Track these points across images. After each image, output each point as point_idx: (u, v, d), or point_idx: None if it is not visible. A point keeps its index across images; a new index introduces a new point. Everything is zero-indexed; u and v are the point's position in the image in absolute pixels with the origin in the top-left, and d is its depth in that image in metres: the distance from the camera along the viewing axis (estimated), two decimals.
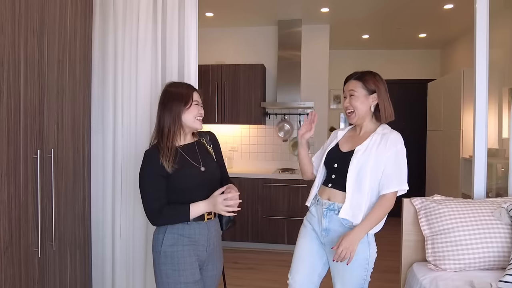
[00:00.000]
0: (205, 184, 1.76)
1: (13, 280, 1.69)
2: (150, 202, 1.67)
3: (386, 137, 1.82)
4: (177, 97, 1.72)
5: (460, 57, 5.33)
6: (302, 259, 1.94)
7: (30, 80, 1.79)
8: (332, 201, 1.85)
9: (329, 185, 1.90)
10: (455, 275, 1.91)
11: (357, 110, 1.86)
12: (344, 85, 1.94)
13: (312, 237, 1.94)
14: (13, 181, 1.69)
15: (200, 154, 1.80)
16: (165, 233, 1.70)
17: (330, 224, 1.85)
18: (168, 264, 1.67)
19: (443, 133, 4.85)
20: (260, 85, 4.66)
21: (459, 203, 2.10)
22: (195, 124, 1.76)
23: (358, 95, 1.86)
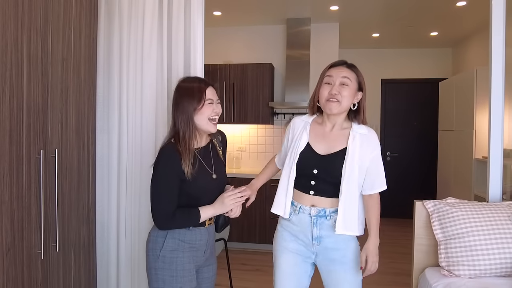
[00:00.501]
0: (215, 191, 1.69)
1: (15, 282, 1.66)
2: (164, 204, 1.55)
3: (366, 138, 1.72)
4: (189, 95, 1.59)
5: (473, 56, 5.21)
6: (286, 275, 1.77)
7: (34, 79, 1.77)
8: (319, 207, 1.70)
9: (311, 192, 1.71)
10: (469, 282, 1.84)
11: (342, 101, 1.67)
12: (331, 68, 1.73)
13: (293, 250, 1.76)
14: (16, 181, 1.66)
15: (213, 158, 1.71)
16: (166, 237, 1.61)
17: (322, 231, 1.70)
18: (166, 269, 1.59)
19: (455, 133, 4.75)
20: (268, 84, 4.60)
21: (474, 206, 2.03)
22: (208, 126, 1.63)
23: (351, 86, 1.68)
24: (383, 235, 5.76)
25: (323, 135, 1.76)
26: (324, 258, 1.73)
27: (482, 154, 4.13)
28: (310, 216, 1.71)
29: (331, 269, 1.72)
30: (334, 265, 1.71)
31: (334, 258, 1.71)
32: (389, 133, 6.15)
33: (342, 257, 1.71)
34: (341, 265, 1.70)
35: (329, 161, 1.69)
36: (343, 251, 1.71)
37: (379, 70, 6.09)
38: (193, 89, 1.61)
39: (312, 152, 1.73)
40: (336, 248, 1.71)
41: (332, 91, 1.67)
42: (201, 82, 1.65)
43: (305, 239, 1.73)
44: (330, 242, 1.70)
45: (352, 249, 1.72)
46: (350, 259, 1.71)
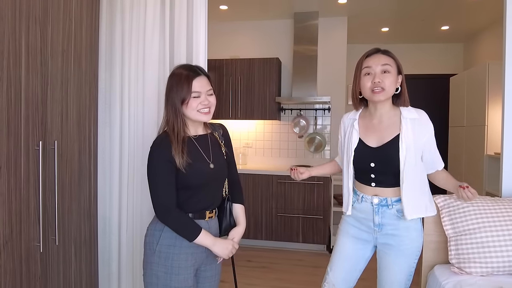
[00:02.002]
0: (213, 183, 1.63)
1: (13, 275, 1.63)
2: (162, 195, 1.50)
3: (418, 122, 1.73)
4: (177, 87, 1.53)
5: (485, 51, 5.09)
6: (344, 256, 1.88)
7: (32, 70, 1.73)
8: (382, 197, 1.76)
9: (372, 184, 1.77)
10: (481, 280, 1.77)
11: (387, 89, 1.69)
12: (367, 59, 1.73)
13: (355, 236, 1.86)
14: (14, 173, 1.63)
15: (212, 149, 1.65)
16: (163, 231, 1.55)
17: (383, 219, 1.77)
18: (161, 265, 1.53)
19: (466, 129, 4.64)
20: (275, 79, 4.54)
21: (486, 201, 1.95)
22: (198, 117, 1.56)
23: (392, 72, 1.70)
24: None
25: (373, 128, 1.78)
26: (383, 242, 1.78)
27: (494, 150, 4.03)
28: (372, 205, 1.77)
29: (386, 253, 1.78)
30: (390, 250, 1.76)
31: (391, 244, 1.76)
32: None
33: (399, 245, 1.75)
34: (396, 252, 1.75)
35: (384, 152, 1.71)
36: (401, 238, 1.74)
37: None
38: (181, 79, 1.54)
39: (365, 147, 1.77)
40: (395, 235, 1.75)
41: (375, 80, 1.69)
42: (190, 71, 1.56)
43: (368, 225, 1.80)
44: (390, 229, 1.76)
45: (411, 238, 1.75)
46: (406, 248, 1.74)
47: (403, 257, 1.75)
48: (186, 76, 1.54)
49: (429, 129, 1.74)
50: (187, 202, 1.56)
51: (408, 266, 1.77)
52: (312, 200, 4.23)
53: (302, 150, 4.86)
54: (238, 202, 1.75)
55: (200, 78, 1.56)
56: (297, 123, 4.79)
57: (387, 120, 1.77)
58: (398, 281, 1.77)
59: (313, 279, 3.46)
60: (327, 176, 4.18)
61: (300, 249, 4.33)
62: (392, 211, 1.74)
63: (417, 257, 1.79)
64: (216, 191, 1.65)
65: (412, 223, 1.75)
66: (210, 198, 1.63)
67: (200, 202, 1.59)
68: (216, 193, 1.65)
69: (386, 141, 1.72)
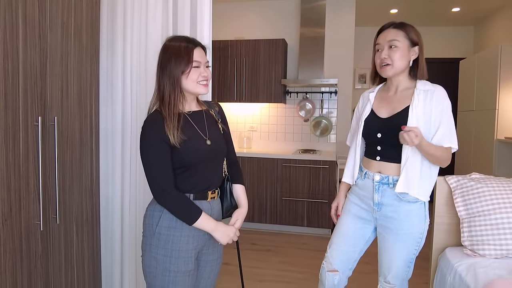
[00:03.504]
0: (211, 160, 1.54)
1: (13, 253, 1.59)
2: (158, 176, 1.42)
3: (431, 93, 1.67)
4: (176, 56, 1.45)
5: (496, 34, 4.96)
6: (343, 236, 1.85)
7: (30, 42, 1.66)
8: (384, 174, 1.71)
9: (377, 158, 1.74)
10: (495, 262, 1.71)
11: (394, 63, 1.67)
12: (378, 36, 1.74)
13: (356, 214, 1.83)
14: (12, 148, 1.58)
15: (207, 125, 1.57)
16: (163, 212, 1.47)
17: (383, 199, 1.72)
18: (160, 248, 1.46)
19: (476, 114, 4.54)
20: (281, 61, 4.44)
21: (502, 181, 1.88)
22: (197, 89, 1.49)
23: (400, 46, 1.67)
24: None
25: (388, 99, 1.76)
26: (382, 224, 1.75)
27: (505, 135, 3.94)
28: (373, 182, 1.73)
29: (385, 236, 1.74)
30: (389, 233, 1.72)
31: (390, 227, 1.71)
32: None
33: (397, 229, 1.69)
34: (394, 236, 1.70)
35: (392, 123, 1.68)
36: (401, 222, 1.69)
37: None
38: (181, 51, 1.46)
39: (375, 117, 1.76)
40: (394, 218, 1.70)
41: (382, 56, 1.69)
42: (189, 42, 1.49)
43: (368, 204, 1.78)
44: (390, 210, 1.71)
45: (412, 223, 1.68)
46: (405, 233, 1.68)
47: (401, 242, 1.69)
48: (185, 47, 1.46)
49: (443, 103, 1.66)
50: (187, 182, 1.49)
51: (407, 252, 1.70)
52: (317, 184, 4.17)
53: (307, 134, 4.79)
54: (238, 182, 1.68)
55: (199, 48, 1.49)
56: (303, 106, 4.71)
57: (401, 92, 1.75)
58: (396, 267, 1.72)
59: (318, 262, 3.40)
60: (333, 160, 4.11)
61: (305, 233, 4.30)
62: (393, 190, 1.69)
63: (418, 244, 1.71)
64: (215, 169, 1.57)
65: (415, 207, 1.67)
66: (210, 177, 1.55)
67: (199, 181, 1.51)
68: (215, 172, 1.58)
69: (396, 111, 1.70)
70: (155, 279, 1.46)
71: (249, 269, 3.24)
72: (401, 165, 1.65)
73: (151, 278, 1.48)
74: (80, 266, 2.04)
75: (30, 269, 1.69)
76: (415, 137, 1.51)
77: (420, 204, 1.68)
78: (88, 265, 2.10)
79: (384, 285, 1.79)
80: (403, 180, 1.63)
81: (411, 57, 1.70)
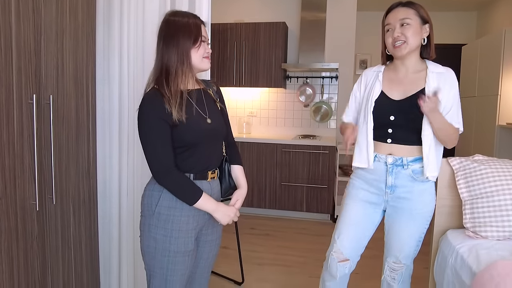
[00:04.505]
0: (211, 138, 1.51)
1: (9, 233, 1.57)
2: (158, 155, 1.38)
3: (444, 76, 1.66)
4: (185, 30, 1.41)
5: (500, 19, 4.89)
6: (353, 223, 1.79)
7: (24, 16, 1.61)
8: (397, 156, 1.68)
9: (388, 140, 1.70)
10: (498, 244, 1.69)
11: (408, 40, 1.62)
12: (387, 16, 1.69)
13: (364, 199, 1.78)
14: (6, 126, 1.54)
15: (206, 104, 1.53)
16: (163, 192, 1.44)
17: (397, 181, 1.69)
18: (160, 228, 1.43)
19: (478, 100, 4.50)
20: (282, 45, 4.38)
21: (505, 163, 1.85)
22: (202, 64, 1.47)
23: (413, 24, 1.63)
24: None
25: (398, 81, 1.72)
26: (394, 206, 1.73)
27: (506, 121, 3.91)
28: (386, 165, 1.69)
29: (396, 217, 1.72)
30: (401, 214, 1.71)
31: (403, 208, 1.70)
32: None
33: (411, 209, 1.69)
34: (407, 216, 1.70)
35: (407, 105, 1.64)
36: (414, 202, 1.69)
37: None
38: (190, 25, 1.42)
39: (386, 99, 1.70)
40: (408, 198, 1.69)
41: (394, 35, 1.64)
42: (196, 18, 1.47)
43: (379, 187, 1.73)
44: (403, 191, 1.69)
45: (425, 202, 1.70)
46: (418, 212, 1.69)
47: (414, 221, 1.69)
48: (194, 22, 1.44)
49: (455, 86, 1.67)
50: (187, 162, 1.45)
51: (418, 231, 1.71)
52: (316, 169, 4.15)
53: (307, 119, 4.75)
54: (237, 163, 1.65)
55: (203, 25, 1.49)
56: (303, 91, 4.66)
57: (413, 74, 1.70)
58: (408, 246, 1.72)
59: (316, 247, 3.42)
60: (333, 145, 4.08)
61: (304, 218, 4.29)
62: (407, 171, 1.67)
63: (428, 222, 1.73)
64: (215, 149, 1.54)
65: (428, 186, 1.68)
66: (209, 157, 1.51)
67: (199, 161, 1.48)
68: (215, 151, 1.55)
69: (410, 94, 1.65)
70: (154, 259, 1.44)
71: (248, 252, 3.23)
72: (425, 148, 1.63)
73: (150, 259, 1.45)
74: (78, 248, 2.02)
75: (26, 249, 1.67)
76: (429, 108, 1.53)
77: (432, 183, 1.70)
78: (86, 247, 2.08)
79: (393, 266, 1.77)
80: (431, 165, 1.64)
81: (423, 35, 1.67)
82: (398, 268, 1.76)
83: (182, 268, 1.45)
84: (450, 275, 1.75)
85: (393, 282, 1.78)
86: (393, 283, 1.78)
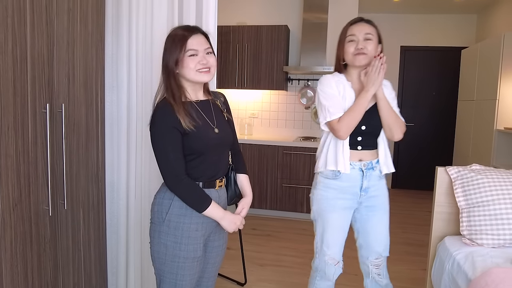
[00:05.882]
0: (218, 147, 1.57)
1: (23, 237, 1.63)
2: (170, 162, 1.44)
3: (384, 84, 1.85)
4: (169, 47, 1.46)
5: (499, 23, 4.94)
6: (338, 231, 1.90)
7: (38, 28, 1.66)
8: (366, 161, 1.84)
9: (359, 148, 1.84)
10: (493, 251, 1.76)
11: (369, 54, 1.77)
12: (351, 27, 1.82)
13: (342, 207, 1.88)
14: (21, 135, 1.60)
15: (214, 114, 1.59)
16: (173, 200, 1.50)
17: (369, 183, 1.85)
18: (170, 235, 1.49)
19: (476, 103, 4.56)
20: (283, 48, 4.44)
21: (501, 173, 1.92)
22: (197, 77, 1.48)
23: (374, 40, 1.79)
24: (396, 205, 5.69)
25: (359, 92, 1.82)
26: (367, 205, 1.88)
27: (504, 125, 3.97)
28: (361, 170, 1.83)
29: (371, 215, 1.88)
30: (375, 210, 1.88)
31: (375, 205, 1.88)
32: (406, 102, 5.96)
33: (381, 203, 1.89)
34: (379, 210, 1.88)
35: (373, 114, 1.81)
36: (382, 197, 1.89)
37: (399, 36, 5.84)
38: (175, 38, 1.46)
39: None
40: (377, 195, 1.88)
41: (358, 46, 1.78)
42: (186, 31, 1.48)
43: (353, 192, 1.86)
44: (374, 190, 1.87)
45: (386, 194, 1.92)
46: (385, 204, 1.90)
47: (385, 214, 1.90)
48: (181, 35, 1.46)
49: (393, 92, 1.91)
50: (196, 170, 1.52)
51: (388, 222, 1.92)
52: None
53: (308, 121, 4.81)
54: (242, 172, 1.72)
55: (196, 36, 1.48)
56: (304, 93, 4.72)
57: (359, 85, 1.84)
58: (385, 237, 1.89)
59: None
60: None
61: (304, 219, 4.36)
62: (376, 172, 1.86)
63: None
64: (222, 158, 1.61)
65: (384, 180, 1.92)
66: (217, 165, 1.58)
67: (207, 169, 1.55)
68: (222, 160, 1.61)
69: (372, 104, 1.81)
70: (164, 265, 1.51)
71: (249, 253, 3.30)
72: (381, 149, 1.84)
73: (160, 264, 1.52)
74: (87, 250, 2.08)
75: (39, 252, 1.73)
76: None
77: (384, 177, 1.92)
78: (95, 248, 2.14)
79: (376, 263, 1.89)
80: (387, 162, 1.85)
81: (376, 53, 1.80)
82: (380, 262, 1.90)
83: (191, 273, 1.52)
84: (447, 280, 1.83)
85: (380, 278, 1.90)
86: (380, 279, 1.90)
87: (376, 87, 1.75)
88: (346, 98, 1.81)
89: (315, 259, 1.95)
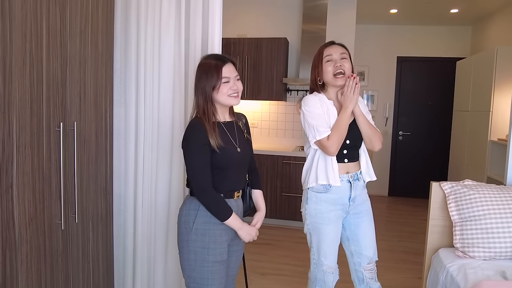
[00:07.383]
0: (239, 164, 1.76)
1: (38, 250, 1.71)
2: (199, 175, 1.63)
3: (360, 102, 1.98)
4: (206, 75, 1.65)
5: (493, 35, 5.07)
6: (334, 242, 2.00)
7: (53, 51, 1.75)
8: (352, 172, 1.96)
9: (345, 160, 1.96)
10: (484, 264, 1.85)
11: (346, 73, 1.90)
12: (327, 49, 1.94)
13: (335, 218, 1.97)
14: (37, 153, 1.68)
15: (237, 134, 1.78)
16: (199, 210, 1.67)
17: (356, 192, 1.97)
18: (198, 241, 1.65)
19: (471, 114, 4.67)
20: (283, 59, 4.54)
21: (492, 189, 2.02)
22: (229, 101, 1.70)
23: (348, 60, 1.94)
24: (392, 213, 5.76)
25: (339, 108, 1.94)
26: (354, 213, 1.99)
27: (498, 136, 4.08)
28: (349, 182, 1.95)
29: (359, 221, 1.99)
30: (362, 217, 1.99)
31: (361, 211, 1.99)
32: (402, 112, 6.08)
33: (367, 209, 2.01)
34: (366, 216, 2.00)
35: (353, 128, 1.93)
36: (366, 203, 2.02)
37: (395, 47, 5.96)
38: (210, 68, 1.65)
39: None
40: (361, 203, 2.00)
41: (336, 64, 1.90)
42: (218, 60, 1.68)
43: (343, 203, 1.96)
44: (360, 199, 1.99)
45: (369, 201, 2.04)
46: (370, 209, 2.03)
47: (370, 219, 2.01)
48: (215, 64, 1.66)
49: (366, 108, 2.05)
50: (221, 183, 1.70)
51: (373, 225, 2.02)
52: None
53: None
54: (257, 187, 1.90)
55: (228, 65, 1.68)
56: None
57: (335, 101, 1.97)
58: (374, 241, 2.00)
59: None
60: None
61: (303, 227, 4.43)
62: (361, 182, 1.99)
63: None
64: (242, 173, 1.80)
65: (366, 189, 2.04)
66: (237, 179, 1.77)
67: (229, 183, 1.73)
68: (241, 175, 1.80)
69: (352, 119, 1.94)
70: (195, 271, 1.65)
71: (250, 262, 3.38)
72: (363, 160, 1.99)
73: (190, 271, 1.66)
74: (96, 261, 2.16)
75: (52, 265, 1.81)
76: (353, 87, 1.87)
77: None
78: (102, 260, 2.22)
79: (369, 267, 1.98)
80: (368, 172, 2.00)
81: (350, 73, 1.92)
82: (372, 266, 2.00)
83: (220, 276, 1.67)
84: None
85: (373, 281, 2.00)
86: (373, 282, 2.00)
87: (353, 104, 1.87)
88: (330, 116, 1.92)
89: (313, 270, 2.06)
